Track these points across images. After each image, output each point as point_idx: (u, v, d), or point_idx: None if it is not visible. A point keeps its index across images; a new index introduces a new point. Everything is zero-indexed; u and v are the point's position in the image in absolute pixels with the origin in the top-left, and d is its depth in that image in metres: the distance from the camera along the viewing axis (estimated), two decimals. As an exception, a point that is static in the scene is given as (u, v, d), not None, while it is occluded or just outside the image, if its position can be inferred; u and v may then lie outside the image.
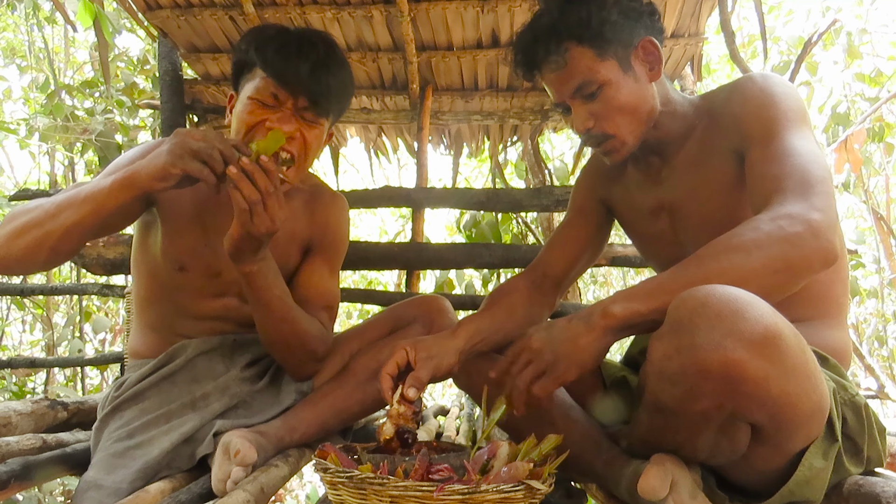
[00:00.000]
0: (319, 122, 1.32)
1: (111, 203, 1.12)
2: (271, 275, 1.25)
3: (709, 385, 0.83)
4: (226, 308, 1.43)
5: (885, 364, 4.78)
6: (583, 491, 1.26)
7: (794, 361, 0.84)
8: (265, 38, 1.29)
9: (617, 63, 1.17)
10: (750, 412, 0.87)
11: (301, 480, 5.02)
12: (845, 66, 4.79)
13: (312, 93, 1.27)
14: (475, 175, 6.01)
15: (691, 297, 0.86)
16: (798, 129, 1.07)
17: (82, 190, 1.14)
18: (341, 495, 0.90)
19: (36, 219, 1.13)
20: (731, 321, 0.81)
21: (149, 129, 4.28)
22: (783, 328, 0.83)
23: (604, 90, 1.17)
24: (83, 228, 1.14)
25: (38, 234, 1.12)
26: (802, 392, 0.86)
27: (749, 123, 1.11)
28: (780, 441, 0.92)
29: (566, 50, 1.17)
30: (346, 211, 1.58)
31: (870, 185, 4.79)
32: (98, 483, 1.14)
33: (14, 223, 1.14)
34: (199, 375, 1.36)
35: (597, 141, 1.22)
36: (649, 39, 1.19)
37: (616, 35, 1.16)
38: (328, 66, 1.29)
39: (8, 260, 1.15)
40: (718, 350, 0.80)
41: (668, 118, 1.23)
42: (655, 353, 0.89)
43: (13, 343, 5.18)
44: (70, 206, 1.12)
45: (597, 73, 1.16)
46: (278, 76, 1.25)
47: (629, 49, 1.18)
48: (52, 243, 1.13)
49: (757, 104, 1.12)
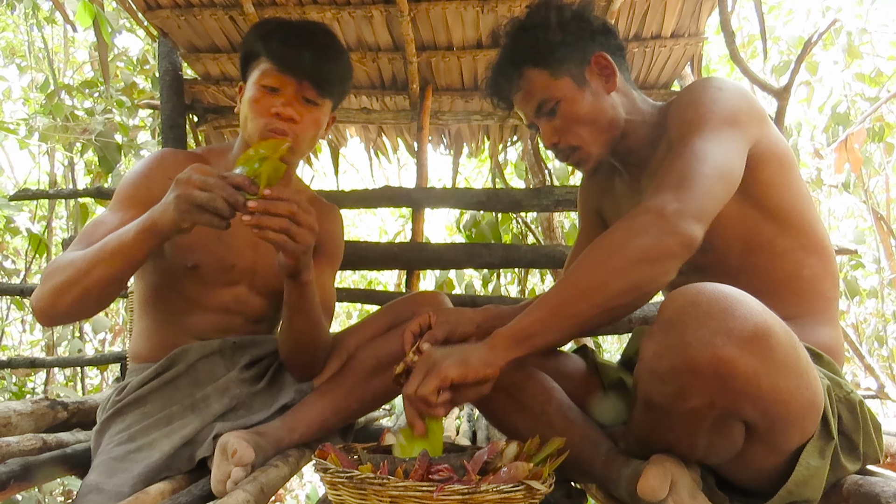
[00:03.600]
0: (321, 103, 1.40)
1: (139, 253, 1.17)
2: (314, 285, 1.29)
3: (699, 383, 0.83)
4: (236, 299, 1.45)
5: (885, 364, 4.77)
6: (583, 491, 1.26)
7: (784, 358, 0.84)
8: (269, 29, 1.40)
9: (571, 80, 1.25)
10: (742, 409, 0.87)
11: (301, 480, 5.02)
12: (845, 66, 4.80)
13: (314, 75, 1.35)
14: (475, 175, 6.01)
15: (681, 296, 0.86)
16: (711, 132, 1.08)
17: (108, 244, 1.18)
18: (341, 495, 0.90)
19: (73, 278, 1.18)
20: (720, 318, 0.81)
21: (148, 129, 4.28)
22: (773, 325, 0.83)
23: (561, 106, 1.25)
24: (118, 280, 1.20)
25: (77, 291, 1.18)
26: (794, 388, 0.86)
27: (673, 128, 1.16)
28: (775, 438, 0.92)
29: (521, 74, 1.28)
30: (342, 221, 1.68)
31: (870, 185, 4.79)
32: (99, 487, 1.14)
33: (53, 281, 1.20)
34: (200, 379, 1.36)
35: (565, 154, 1.29)
36: (600, 55, 1.26)
37: (565, 54, 1.25)
38: (328, 51, 1.39)
39: (57, 314, 1.22)
40: (708, 347, 0.81)
41: (637, 126, 1.28)
42: (646, 351, 0.90)
43: (13, 343, 5.18)
44: (102, 262, 1.17)
45: (552, 90, 1.25)
46: (282, 62, 1.34)
47: (583, 66, 1.26)
48: (95, 297, 1.20)
49: (682, 108, 1.17)
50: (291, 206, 1.08)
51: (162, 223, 1.12)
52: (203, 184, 1.06)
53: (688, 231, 0.97)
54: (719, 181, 1.03)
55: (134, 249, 1.16)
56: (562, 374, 1.32)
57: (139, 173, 1.38)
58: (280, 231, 1.08)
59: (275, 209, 1.07)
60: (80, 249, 1.23)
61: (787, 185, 1.17)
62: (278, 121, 1.33)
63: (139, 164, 1.41)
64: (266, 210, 1.07)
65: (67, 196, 3.26)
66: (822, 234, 1.20)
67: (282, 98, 1.34)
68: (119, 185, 1.39)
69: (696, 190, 1.00)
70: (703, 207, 1.00)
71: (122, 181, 1.39)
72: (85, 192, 3.05)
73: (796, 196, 1.18)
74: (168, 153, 1.44)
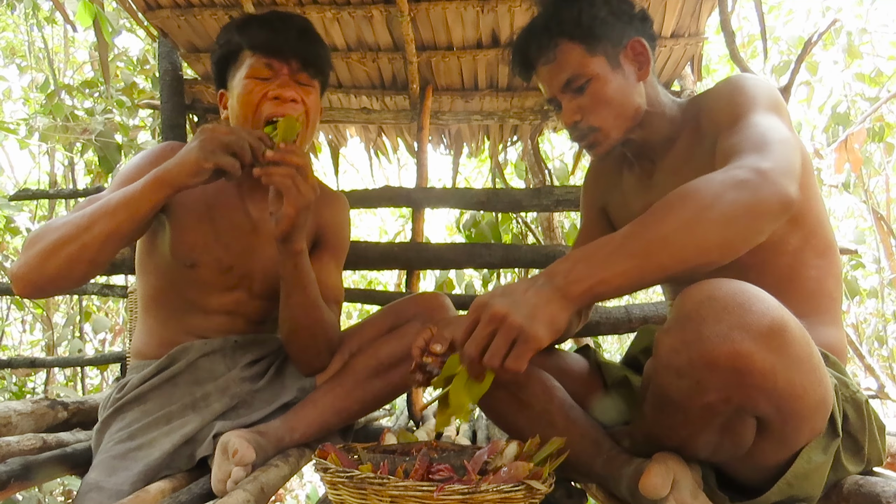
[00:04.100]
0: (313, 85, 1.39)
1: (146, 205, 1.15)
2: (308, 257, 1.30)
3: (716, 377, 0.83)
4: (236, 302, 1.44)
5: (885, 364, 4.77)
6: (583, 491, 1.26)
7: (799, 353, 0.84)
8: (245, 23, 1.39)
9: (605, 59, 1.23)
10: (757, 404, 0.87)
11: (301, 480, 5.02)
12: (845, 65, 4.80)
13: (302, 54, 1.35)
14: (475, 175, 6.01)
15: (698, 291, 0.86)
16: (765, 112, 1.08)
17: (112, 199, 1.16)
18: (341, 495, 0.90)
19: (68, 234, 1.13)
20: (738, 313, 0.81)
21: (148, 129, 4.28)
22: (789, 320, 0.84)
23: (591, 84, 1.22)
24: (120, 235, 1.15)
25: (73, 248, 1.12)
26: (808, 384, 0.86)
27: (720, 114, 1.15)
28: (786, 435, 0.92)
29: (556, 45, 1.24)
30: (348, 209, 1.63)
31: (870, 185, 4.79)
32: (99, 485, 1.14)
33: (41, 244, 1.13)
34: (200, 377, 1.36)
35: (582, 134, 1.27)
36: (638, 40, 1.25)
37: (605, 33, 1.23)
38: (308, 34, 1.39)
39: (42, 280, 1.13)
40: (726, 342, 0.81)
41: (656, 119, 1.27)
42: (662, 346, 0.89)
43: (13, 343, 5.18)
44: (104, 216, 1.14)
45: (585, 67, 1.22)
46: (268, 47, 1.33)
47: (618, 48, 1.24)
48: (91, 255, 1.14)
49: (727, 96, 1.16)
50: (301, 159, 1.16)
51: (176, 170, 1.14)
52: (230, 130, 1.17)
53: (787, 189, 0.93)
54: (794, 150, 1.00)
55: (142, 202, 1.14)
56: (564, 373, 1.32)
57: (144, 158, 1.37)
58: (288, 177, 1.15)
59: (288, 158, 1.15)
60: None
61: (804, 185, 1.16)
62: (278, 104, 1.31)
63: (145, 152, 1.40)
64: (282, 160, 1.15)
65: (67, 196, 3.25)
66: (830, 235, 1.20)
67: (276, 82, 1.32)
68: (122, 169, 1.37)
69: (780, 154, 0.98)
70: (793, 169, 0.96)
71: (125, 166, 1.37)
72: (85, 192, 3.04)
73: (811, 196, 1.18)
74: (174, 145, 1.43)
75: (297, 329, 1.36)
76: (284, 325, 1.37)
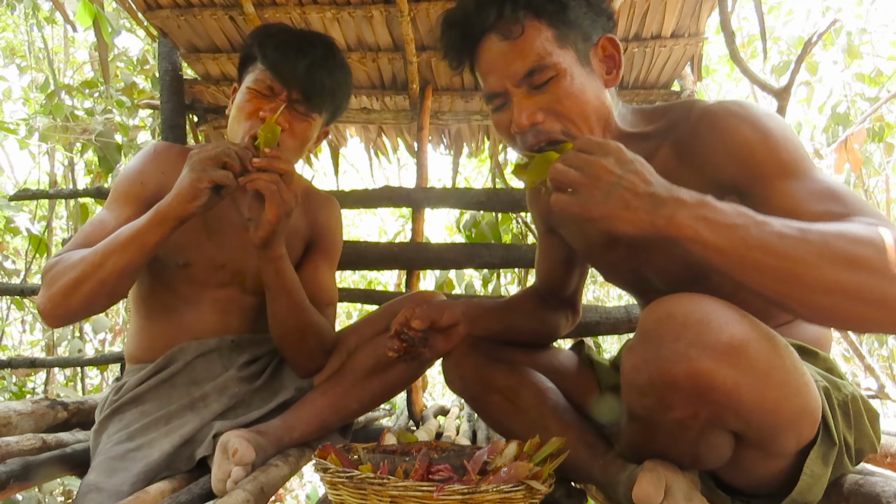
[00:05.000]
0: (311, 117, 1.39)
1: (153, 240, 1.19)
2: (289, 261, 1.31)
3: (678, 395, 0.82)
4: (228, 299, 1.45)
5: (885, 364, 4.77)
6: (583, 491, 1.26)
7: (767, 367, 0.81)
8: (268, 35, 1.39)
9: (575, 54, 1.04)
10: (725, 420, 0.85)
11: (301, 480, 5.01)
12: (845, 66, 4.79)
13: (305, 87, 1.34)
14: (475, 175, 6.01)
15: (658, 307, 0.85)
16: (817, 170, 0.95)
17: (121, 234, 1.20)
18: (341, 495, 0.90)
19: (84, 273, 1.18)
20: (695, 330, 0.79)
21: (148, 129, 4.27)
22: (750, 335, 0.81)
23: (558, 81, 1.02)
24: (133, 269, 1.21)
25: (91, 286, 1.18)
26: (781, 397, 0.83)
27: (752, 162, 0.96)
28: (768, 445, 0.91)
29: (521, 19, 1.02)
30: (339, 211, 1.64)
31: (870, 185, 4.79)
32: (99, 486, 1.14)
33: (61, 281, 1.20)
34: (197, 377, 1.36)
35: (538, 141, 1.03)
36: (610, 38, 1.08)
37: (578, 20, 1.04)
38: (324, 64, 1.38)
39: (69, 314, 1.23)
40: (683, 361, 0.79)
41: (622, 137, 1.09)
42: (625, 364, 0.88)
43: (13, 343, 5.18)
44: (115, 252, 1.18)
45: (552, 57, 1.02)
46: (274, 69, 1.34)
47: (589, 43, 1.06)
48: (108, 290, 1.21)
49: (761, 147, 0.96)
50: (284, 166, 1.20)
51: (175, 202, 1.17)
52: (214, 146, 1.20)
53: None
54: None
55: (147, 236, 1.18)
56: (555, 371, 1.32)
57: (133, 169, 1.39)
58: (272, 182, 1.18)
59: (272, 165, 1.19)
60: (79, 249, 1.23)
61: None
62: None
63: (133, 160, 1.42)
64: (268, 166, 1.18)
65: (67, 196, 3.25)
66: None
67: (271, 104, 1.33)
68: (115, 183, 1.40)
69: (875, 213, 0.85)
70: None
71: (117, 178, 1.40)
72: (85, 192, 3.04)
73: None
74: (161, 146, 1.45)
75: (287, 333, 1.37)
76: (274, 329, 1.38)
